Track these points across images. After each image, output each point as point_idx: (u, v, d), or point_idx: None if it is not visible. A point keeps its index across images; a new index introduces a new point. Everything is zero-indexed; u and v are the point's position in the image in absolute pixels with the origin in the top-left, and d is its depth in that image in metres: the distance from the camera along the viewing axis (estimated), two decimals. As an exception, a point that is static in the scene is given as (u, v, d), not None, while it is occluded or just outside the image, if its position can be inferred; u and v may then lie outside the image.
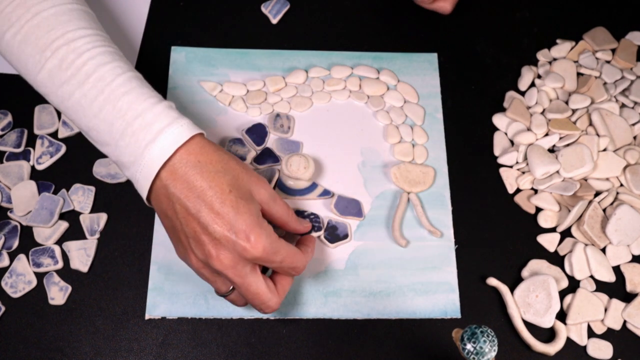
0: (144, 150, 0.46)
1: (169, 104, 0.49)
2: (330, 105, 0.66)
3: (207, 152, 0.48)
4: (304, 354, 0.54)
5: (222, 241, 0.45)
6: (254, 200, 0.48)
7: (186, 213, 0.46)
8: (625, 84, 0.66)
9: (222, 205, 0.45)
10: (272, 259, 0.47)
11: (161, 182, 0.47)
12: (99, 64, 0.49)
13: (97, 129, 0.48)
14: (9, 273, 0.56)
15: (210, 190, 0.46)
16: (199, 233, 0.46)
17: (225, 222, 0.45)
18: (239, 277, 0.46)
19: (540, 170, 0.61)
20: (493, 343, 0.42)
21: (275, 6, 0.71)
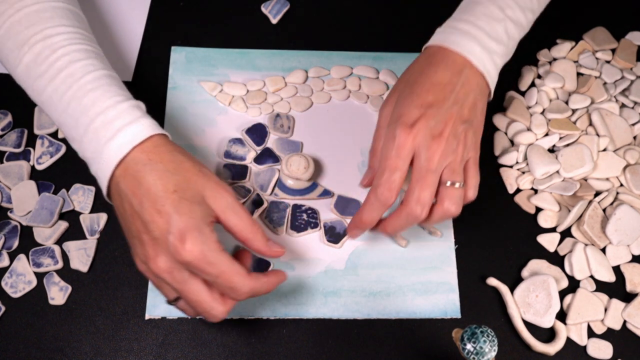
0: (104, 147, 0.47)
1: (136, 104, 0.49)
2: (330, 105, 0.66)
3: (160, 152, 0.47)
4: (304, 354, 0.54)
5: (159, 241, 0.44)
6: (203, 205, 0.46)
7: (132, 211, 0.46)
8: (625, 84, 0.66)
9: (163, 205, 0.44)
10: (207, 270, 0.44)
11: (115, 179, 0.47)
12: (72, 60, 0.49)
13: (66, 124, 0.49)
14: (9, 273, 0.56)
15: (154, 188, 0.45)
16: (140, 232, 0.45)
17: (164, 221, 0.44)
18: (177, 283, 0.45)
19: (540, 170, 0.61)
20: (493, 343, 0.42)
21: (275, 6, 0.71)
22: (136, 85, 0.66)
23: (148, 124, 0.48)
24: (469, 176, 0.51)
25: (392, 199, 0.50)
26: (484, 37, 0.52)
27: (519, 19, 0.54)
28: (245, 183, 0.61)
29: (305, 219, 0.59)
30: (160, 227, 0.44)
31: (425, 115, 0.49)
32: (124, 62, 0.66)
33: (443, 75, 0.51)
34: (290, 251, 0.58)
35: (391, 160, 0.49)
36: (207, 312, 0.46)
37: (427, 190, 0.49)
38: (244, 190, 0.60)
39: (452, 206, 0.49)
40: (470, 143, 0.50)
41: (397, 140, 0.49)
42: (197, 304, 0.46)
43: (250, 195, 0.60)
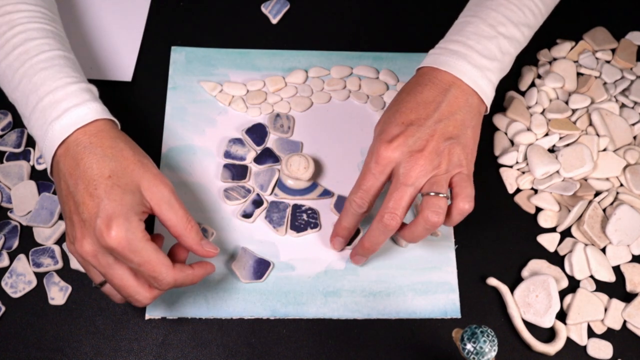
0: (49, 126, 0.47)
1: (87, 87, 0.50)
2: (330, 105, 0.66)
3: (102, 137, 0.48)
4: (304, 354, 0.54)
5: (87, 224, 0.45)
6: (137, 194, 0.46)
7: (67, 191, 0.47)
8: (625, 84, 0.66)
9: (95, 188, 0.45)
10: (130, 257, 0.45)
11: (56, 158, 0.48)
12: (28, 38, 0.50)
13: (17, 101, 0.50)
14: (9, 273, 0.56)
15: (90, 171, 0.46)
16: (72, 212, 0.46)
17: (94, 204, 0.45)
18: (102, 267, 0.46)
19: (540, 170, 0.61)
20: (493, 343, 0.42)
21: (275, 6, 0.71)
22: (136, 85, 0.66)
23: (95, 107, 0.49)
24: (460, 188, 0.50)
25: (364, 207, 0.52)
26: (474, 55, 0.53)
27: (513, 35, 0.55)
28: (245, 183, 0.61)
29: (305, 219, 0.59)
30: (89, 210, 0.45)
31: (405, 132, 0.50)
32: (124, 62, 0.66)
33: (428, 94, 0.52)
34: (290, 251, 0.58)
35: (368, 172, 0.51)
36: (132, 297, 0.47)
37: (399, 201, 0.49)
38: (244, 191, 0.60)
39: (432, 215, 0.48)
40: (457, 159, 0.50)
41: (375, 155, 0.50)
42: (122, 289, 0.47)
43: (250, 195, 0.60)
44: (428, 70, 0.54)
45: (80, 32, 0.68)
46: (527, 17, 0.56)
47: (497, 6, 0.55)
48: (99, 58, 0.67)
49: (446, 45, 0.55)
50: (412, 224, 0.50)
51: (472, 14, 0.56)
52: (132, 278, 0.46)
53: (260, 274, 0.56)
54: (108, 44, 0.67)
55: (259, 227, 0.59)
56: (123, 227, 0.44)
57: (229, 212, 0.59)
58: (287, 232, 0.58)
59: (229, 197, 0.59)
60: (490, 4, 0.55)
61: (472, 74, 0.52)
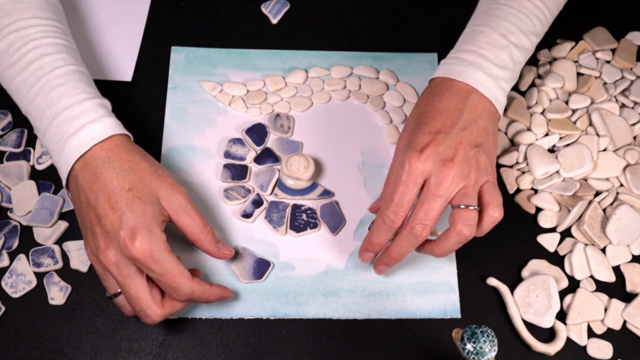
0: (65, 142, 0.48)
1: (101, 102, 0.51)
2: (330, 105, 0.66)
3: (119, 151, 0.49)
4: (304, 354, 0.54)
5: (110, 235, 0.46)
6: (156, 205, 0.48)
7: (87, 204, 0.48)
8: (625, 84, 0.66)
9: (117, 202, 0.47)
10: (152, 268, 0.46)
11: (74, 172, 0.49)
12: (43, 53, 0.51)
13: (32, 115, 0.51)
14: (9, 273, 0.56)
15: (110, 185, 0.47)
16: (94, 224, 0.47)
17: (117, 216, 0.46)
18: (122, 277, 0.47)
19: (540, 170, 0.61)
20: (493, 343, 0.42)
21: (275, 6, 0.71)
22: (136, 85, 0.66)
23: (110, 123, 0.50)
24: (489, 196, 0.50)
25: (398, 222, 0.50)
26: (488, 65, 0.53)
27: (523, 44, 0.55)
28: (245, 183, 0.61)
29: (305, 219, 0.59)
30: (112, 222, 0.46)
31: (434, 141, 0.49)
32: (124, 62, 0.66)
33: (448, 102, 0.52)
34: (290, 251, 0.58)
35: (400, 185, 0.49)
36: (144, 312, 0.48)
37: (430, 212, 0.49)
38: (244, 190, 0.60)
39: (464, 228, 0.49)
40: (484, 167, 0.50)
41: (407, 166, 0.49)
42: (135, 301, 0.48)
43: (250, 195, 0.60)
44: (443, 80, 0.54)
45: (81, 32, 0.68)
46: (535, 25, 0.56)
47: (507, 15, 0.55)
48: (99, 58, 0.67)
49: (460, 55, 0.54)
50: (443, 238, 0.50)
51: (482, 23, 0.56)
52: (147, 293, 0.48)
53: (260, 274, 0.56)
54: (108, 44, 0.67)
55: (259, 227, 0.59)
56: (147, 238, 0.46)
57: (229, 212, 0.59)
58: (287, 232, 0.58)
59: (229, 197, 0.59)
60: (499, 13, 0.55)
61: (487, 83, 0.52)
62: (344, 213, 0.60)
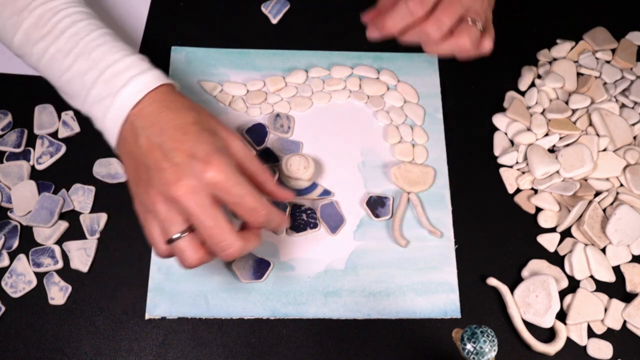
0: (115, 96, 0.48)
1: (141, 57, 0.51)
2: (330, 105, 0.66)
3: (175, 95, 0.50)
4: (304, 354, 0.54)
5: (181, 166, 0.45)
6: (220, 139, 0.48)
7: (149, 144, 0.46)
8: (625, 84, 0.66)
9: (184, 134, 0.46)
10: (233, 190, 0.45)
11: (130, 120, 0.48)
12: (74, 21, 0.51)
13: (71, 81, 0.50)
14: (9, 273, 0.56)
15: (174, 121, 0.47)
16: (159, 161, 0.46)
17: (186, 147, 0.45)
18: (198, 206, 0.44)
19: (540, 170, 0.61)
20: (493, 343, 0.42)
21: (275, 6, 0.71)
22: (136, 85, 0.66)
23: (157, 74, 0.50)
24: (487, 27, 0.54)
25: (421, 12, 0.52)
26: None
27: None
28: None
29: (305, 219, 0.59)
30: (184, 152, 0.45)
31: None
32: (124, 62, 0.66)
33: None
34: (290, 251, 0.58)
35: None
36: (225, 242, 0.45)
37: (448, 16, 0.51)
38: (244, 190, 0.60)
39: (467, 41, 0.52)
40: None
41: None
42: (214, 232, 0.45)
43: (250, 195, 0.60)
44: None
45: (80, 32, 0.68)
46: None
47: None
48: (99, 58, 0.67)
49: None
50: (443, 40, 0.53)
51: None
52: (227, 222, 0.45)
53: (260, 274, 0.56)
54: (108, 44, 0.67)
55: (259, 227, 0.59)
56: (222, 161, 0.45)
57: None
58: (286, 232, 0.58)
59: (229, 197, 0.59)
60: None
61: None
62: (343, 213, 0.60)
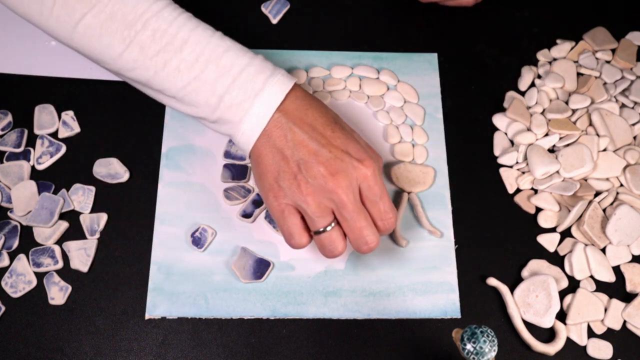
0: (255, 99, 0.50)
1: (262, 57, 0.52)
2: (330, 105, 0.66)
3: (306, 92, 0.53)
4: (304, 354, 0.54)
5: (338, 161, 0.48)
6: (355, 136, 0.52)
7: (301, 139, 0.49)
8: (625, 84, 0.66)
9: (332, 132, 0.50)
10: (375, 189, 0.49)
11: (274, 118, 0.50)
12: (190, 28, 0.51)
13: (197, 90, 0.50)
14: (9, 273, 0.56)
15: (320, 119, 0.50)
16: (310, 155, 0.49)
17: (338, 144, 0.49)
18: (352, 202, 0.48)
19: (540, 170, 0.61)
20: (493, 343, 0.42)
21: (275, 6, 0.71)
22: (136, 85, 0.66)
23: (284, 73, 0.52)
24: None
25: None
26: None
27: None
28: (245, 183, 0.61)
29: (305, 219, 0.59)
30: (338, 149, 0.49)
31: None
32: (124, 62, 0.66)
33: None
34: (290, 251, 0.58)
35: None
36: (366, 238, 0.50)
37: None
38: (244, 191, 0.60)
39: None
40: None
41: None
42: (360, 227, 0.49)
43: (250, 195, 0.60)
44: None
45: (80, 32, 0.68)
46: None
47: None
48: (99, 58, 0.67)
49: None
50: None
51: None
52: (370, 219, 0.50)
53: (260, 274, 0.56)
54: (108, 44, 0.67)
55: (259, 227, 0.59)
56: (371, 159, 0.50)
57: (229, 212, 0.59)
58: (287, 232, 0.58)
59: (229, 197, 0.59)
60: None
61: None
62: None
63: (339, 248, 0.50)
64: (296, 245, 0.51)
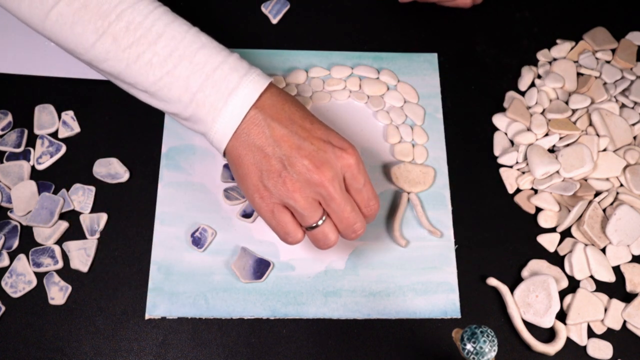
0: (228, 97, 0.49)
1: (237, 55, 0.51)
2: (330, 105, 0.66)
3: (280, 88, 0.52)
4: (304, 354, 0.54)
5: (321, 152, 0.48)
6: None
7: (280, 133, 0.48)
8: (625, 84, 0.66)
9: (311, 123, 0.50)
10: (359, 177, 0.49)
11: (249, 115, 0.49)
12: (166, 23, 0.50)
13: (169, 86, 0.49)
14: (9, 273, 0.56)
15: (298, 112, 0.50)
16: (293, 149, 0.48)
17: (319, 135, 0.49)
18: (338, 193, 0.48)
19: (540, 170, 0.61)
20: (493, 343, 0.42)
21: (275, 6, 0.71)
22: (136, 85, 0.66)
23: (259, 72, 0.51)
24: None
25: None
26: None
27: None
28: None
29: (305, 219, 0.59)
30: (319, 139, 0.49)
31: None
32: (124, 62, 0.66)
33: None
34: (290, 251, 0.58)
35: None
36: (355, 226, 0.50)
37: None
38: (244, 190, 0.60)
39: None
40: None
41: None
42: (350, 217, 0.49)
43: (250, 195, 0.60)
44: None
45: (80, 32, 0.68)
46: None
47: None
48: (99, 58, 0.66)
49: None
50: None
51: None
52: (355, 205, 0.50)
53: (260, 274, 0.56)
54: (108, 44, 0.67)
55: (259, 227, 0.59)
56: (353, 148, 0.50)
57: (229, 212, 0.59)
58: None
59: (229, 197, 0.59)
60: None
61: None
62: (344, 213, 0.60)
63: (332, 239, 0.51)
64: (293, 242, 0.50)
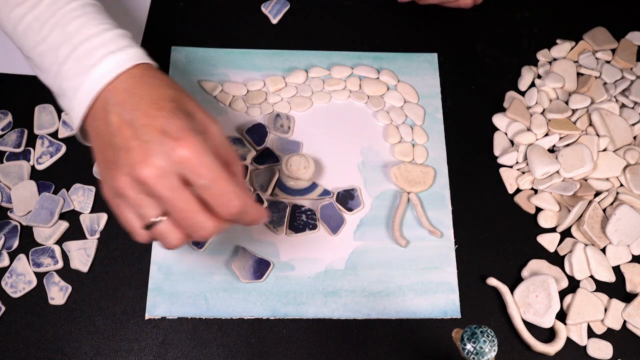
0: (86, 74, 0.44)
1: (122, 33, 0.47)
2: (330, 105, 0.66)
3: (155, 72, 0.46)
4: (304, 354, 0.54)
5: (151, 143, 0.41)
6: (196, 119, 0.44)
7: (120, 121, 0.43)
8: (625, 84, 0.66)
9: (157, 110, 0.42)
10: (202, 172, 0.41)
11: (100, 97, 0.44)
12: None
13: (43, 53, 0.47)
14: (9, 273, 0.56)
15: (149, 97, 0.43)
16: (128, 139, 0.42)
17: (158, 123, 0.41)
18: (166, 189, 0.41)
19: (540, 170, 0.61)
20: (493, 343, 0.42)
21: (275, 6, 0.71)
22: (136, 85, 0.66)
23: (135, 52, 0.46)
24: None
25: None
26: None
27: None
28: (245, 183, 0.61)
29: (304, 220, 0.59)
30: (155, 128, 0.41)
31: None
32: (124, 62, 0.66)
33: None
34: (290, 251, 0.58)
35: None
36: (198, 224, 0.42)
37: None
38: (244, 190, 0.60)
39: None
40: None
41: None
42: (186, 214, 0.42)
43: (250, 195, 0.60)
44: None
45: (80, 32, 0.68)
46: None
47: None
48: (99, 58, 0.66)
49: None
50: None
51: None
52: (197, 203, 0.42)
53: (260, 274, 0.56)
54: (108, 44, 0.67)
55: (258, 227, 0.59)
56: (195, 139, 0.41)
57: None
58: (286, 232, 0.58)
59: (229, 197, 0.59)
60: None
61: None
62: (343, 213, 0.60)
63: (173, 241, 0.44)
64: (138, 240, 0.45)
